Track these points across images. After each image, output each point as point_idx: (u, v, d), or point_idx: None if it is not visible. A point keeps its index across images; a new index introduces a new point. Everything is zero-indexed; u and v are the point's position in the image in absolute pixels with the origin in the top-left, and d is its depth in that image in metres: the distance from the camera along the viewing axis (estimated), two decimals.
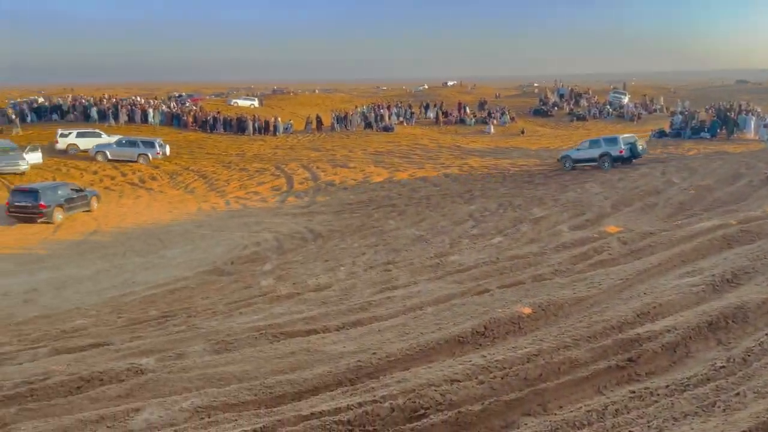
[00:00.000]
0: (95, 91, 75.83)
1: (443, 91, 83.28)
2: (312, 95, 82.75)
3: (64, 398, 5.55)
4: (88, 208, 24.11)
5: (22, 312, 12.83)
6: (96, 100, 50.03)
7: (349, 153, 35.11)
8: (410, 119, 49.52)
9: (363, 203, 23.49)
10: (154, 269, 16.35)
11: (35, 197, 22.00)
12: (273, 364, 5.66)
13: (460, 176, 27.07)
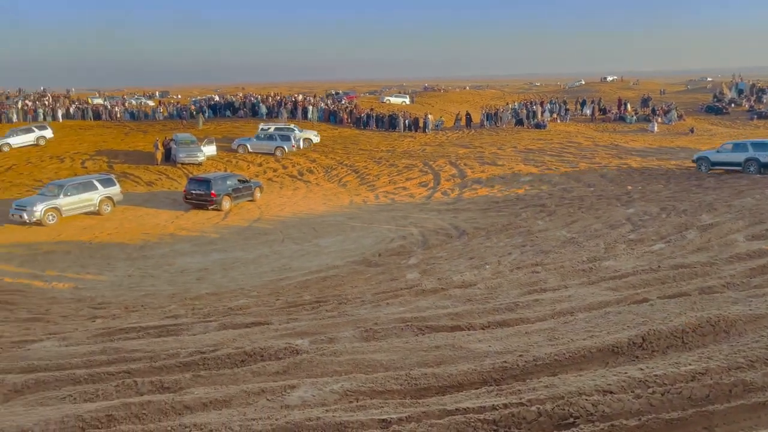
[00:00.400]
0: (262, 89, 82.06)
1: (602, 86, 78.85)
2: (462, 92, 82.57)
3: (230, 369, 6.11)
4: (252, 197, 26.13)
5: (196, 288, 14.31)
6: (263, 97, 54.17)
7: (498, 150, 34.56)
8: (565, 116, 47.54)
9: (510, 201, 23.02)
10: (308, 256, 17.37)
11: (208, 186, 24.37)
12: (418, 356, 5.76)
13: (617, 177, 25.48)
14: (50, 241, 20.00)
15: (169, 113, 49.04)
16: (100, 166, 32.71)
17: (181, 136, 34.67)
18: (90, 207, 23.33)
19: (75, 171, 31.93)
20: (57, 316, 11.57)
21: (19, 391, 6.36)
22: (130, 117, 48.01)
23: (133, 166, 32.69)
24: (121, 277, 16.25)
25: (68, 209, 22.59)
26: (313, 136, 38.82)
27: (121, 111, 48.96)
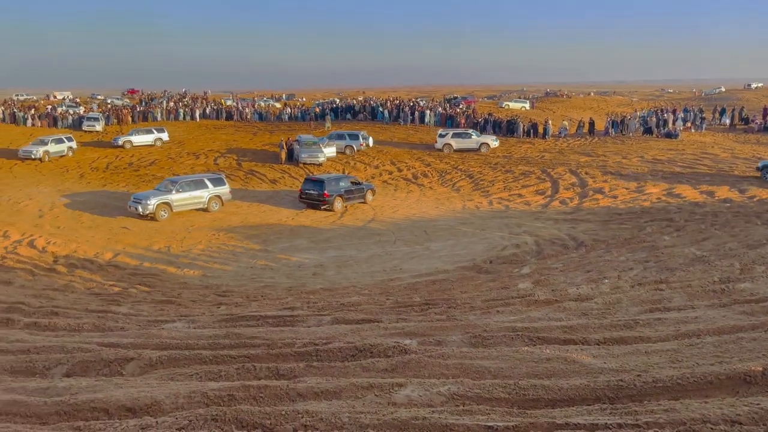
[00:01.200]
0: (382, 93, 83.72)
1: (745, 94, 72.37)
2: (586, 98, 79.33)
3: (341, 362, 6.33)
4: (364, 199, 26.66)
5: (311, 282, 14.93)
6: (382, 101, 55.31)
7: (623, 159, 32.81)
8: (700, 125, 44.18)
9: (634, 214, 21.78)
10: (419, 259, 17.50)
11: (321, 187, 25.23)
12: (528, 367, 5.64)
13: (759, 193, 23.29)
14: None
15: (294, 115, 51.49)
16: (230, 163, 35.02)
17: (304, 138, 36.27)
18: (200, 204, 24.37)
19: (208, 167, 34.43)
20: (187, 300, 12.56)
21: (153, 365, 6.98)
22: (258, 118, 50.96)
23: (260, 164, 34.65)
24: (244, 268, 17.30)
25: (179, 205, 23.71)
26: (491, 141, 38.04)
27: (251, 112, 52.08)
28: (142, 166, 34.86)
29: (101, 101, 64.77)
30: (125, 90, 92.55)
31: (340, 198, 25.58)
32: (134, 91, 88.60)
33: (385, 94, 76.15)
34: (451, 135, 38.19)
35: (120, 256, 18.16)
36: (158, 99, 63.92)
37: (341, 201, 25.61)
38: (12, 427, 5.20)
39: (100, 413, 5.49)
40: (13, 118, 44.79)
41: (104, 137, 41.66)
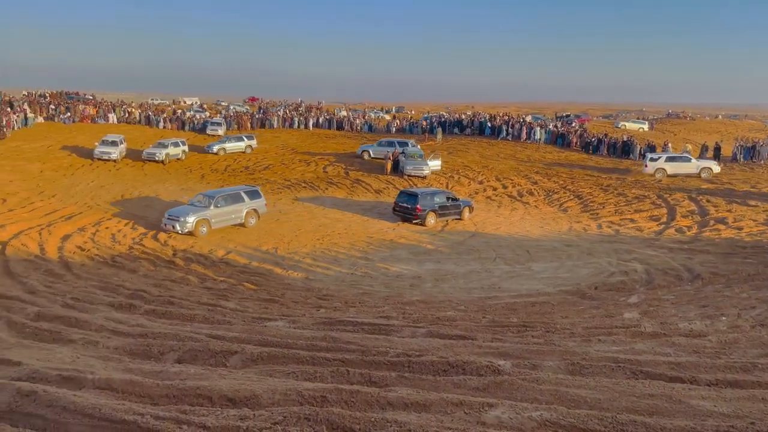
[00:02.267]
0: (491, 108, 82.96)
1: None
2: (713, 121, 74.03)
3: (432, 376, 6.35)
4: (460, 216, 26.06)
5: (408, 293, 15.03)
6: (491, 116, 54.80)
7: (752, 189, 30.27)
8: None
9: (761, 248, 20.00)
10: (519, 279, 17.10)
11: (415, 200, 25.09)
12: (628, 401, 5.37)
13: None
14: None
15: (402, 127, 52.23)
16: (338, 172, 36.10)
17: (410, 150, 36.67)
18: (238, 219, 22.94)
19: (317, 174, 35.73)
20: (289, 300, 13.08)
21: (254, 360, 7.34)
22: (368, 129, 52.20)
23: (365, 173, 35.43)
24: (345, 274, 17.74)
25: (217, 221, 22.17)
26: (713, 166, 34.12)
27: (361, 123, 53.45)
28: (257, 170, 36.76)
29: (225, 107, 69.18)
30: (246, 98, 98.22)
31: (434, 213, 25.24)
32: (255, 99, 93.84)
33: (494, 109, 75.34)
34: (665, 159, 34.59)
35: (231, 254, 19.24)
36: (275, 107, 67.27)
37: (434, 216, 25.27)
38: (127, 405, 5.68)
39: (204, 400, 5.86)
40: (147, 121, 48.91)
41: None
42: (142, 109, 54.47)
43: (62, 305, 10.88)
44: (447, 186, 32.96)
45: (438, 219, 25.39)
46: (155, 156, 36.14)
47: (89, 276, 14.48)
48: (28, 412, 5.66)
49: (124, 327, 9.29)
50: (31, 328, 9.16)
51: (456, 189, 32.68)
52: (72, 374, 6.44)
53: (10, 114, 41.65)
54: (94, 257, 17.01)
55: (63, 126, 43.94)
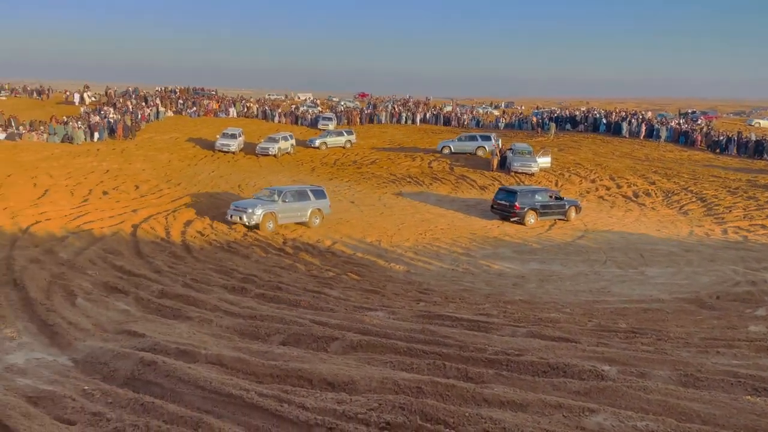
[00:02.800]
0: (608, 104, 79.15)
1: None
2: None
3: (531, 377, 6.19)
4: (565, 216, 24.80)
5: (510, 293, 14.72)
6: (606, 112, 52.25)
7: None
8: None
9: None
10: (631, 284, 16.21)
11: (513, 198, 24.21)
12: (747, 419, 4.94)
13: None
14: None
15: (511, 123, 51.12)
16: (443, 167, 36.01)
17: (518, 146, 35.81)
18: (302, 218, 21.94)
19: (422, 169, 35.85)
20: (390, 292, 13.26)
21: (354, 347, 7.52)
22: (475, 124, 51.58)
23: (471, 170, 35.06)
24: (446, 269, 17.69)
25: (283, 216, 21.33)
26: None
27: (469, 118, 52.92)
28: (364, 164, 37.51)
29: (336, 103, 71.18)
30: (357, 93, 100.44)
31: (534, 212, 24.24)
32: (365, 94, 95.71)
33: (611, 105, 71.73)
34: None
35: (337, 245, 19.80)
36: (384, 103, 68.22)
37: (534, 215, 24.26)
38: (235, 380, 6.03)
39: (304, 382, 6.10)
40: (264, 115, 51.41)
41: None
42: (260, 104, 57.27)
43: (182, 285, 11.73)
44: (556, 184, 31.86)
45: (539, 218, 24.40)
46: (268, 151, 37.49)
47: (207, 259, 15.48)
48: (148, 380, 6.17)
49: (235, 308, 9.86)
50: (155, 304, 9.96)
51: (566, 188, 31.50)
52: (188, 348, 6.94)
53: (144, 108, 45.41)
54: (211, 242, 18.15)
55: (189, 119, 47.23)
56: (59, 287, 10.39)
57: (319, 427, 4.80)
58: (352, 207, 26.41)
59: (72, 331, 8.09)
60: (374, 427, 4.70)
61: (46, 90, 55.13)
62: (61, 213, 18.00)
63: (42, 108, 45.76)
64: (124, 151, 33.72)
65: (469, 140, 39.16)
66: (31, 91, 55.46)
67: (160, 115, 45.79)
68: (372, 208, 26.42)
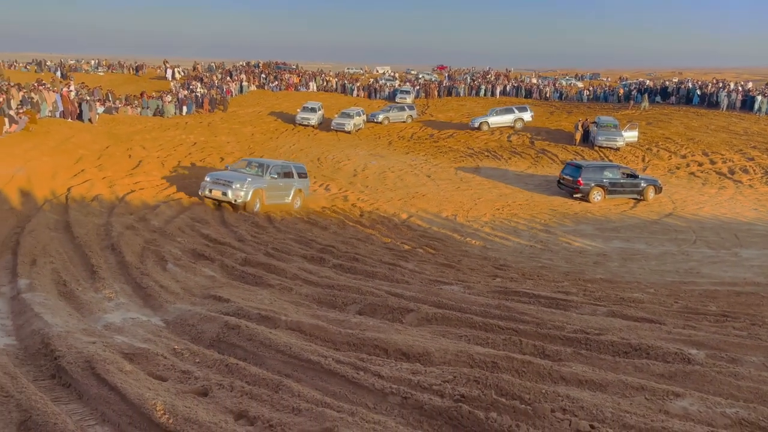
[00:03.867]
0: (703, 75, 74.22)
1: None
2: None
3: (611, 356, 6.01)
4: (641, 196, 23.32)
5: (591, 271, 14.28)
6: (701, 83, 49.03)
7: None
8: None
9: None
10: (722, 265, 15.33)
11: (577, 173, 23.11)
12: None
13: None
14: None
15: (597, 95, 48.98)
16: (523, 141, 35.13)
17: (603, 119, 34.32)
18: (286, 198, 19.01)
19: (501, 143, 35.13)
20: (466, 267, 13.18)
21: (429, 320, 7.56)
22: (558, 97, 49.82)
23: (553, 144, 34.01)
24: (523, 246, 17.37)
25: (269, 195, 18.33)
26: None
27: (551, 90, 51.15)
28: (441, 138, 37.18)
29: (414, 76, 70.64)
30: (435, 66, 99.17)
31: (601, 189, 22.99)
32: (443, 67, 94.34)
33: (707, 76, 67.14)
34: None
35: (413, 218, 19.85)
36: (463, 75, 67.05)
37: (601, 192, 23.01)
38: (313, 346, 6.22)
39: (380, 351, 6.20)
40: (343, 89, 51.87)
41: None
42: (339, 77, 57.77)
43: (264, 254, 12.16)
44: (644, 159, 30.40)
45: (607, 196, 23.18)
46: (344, 127, 37.41)
47: (287, 230, 15.95)
48: (232, 342, 6.48)
49: (314, 277, 10.12)
50: (238, 271, 10.40)
51: (654, 163, 30.01)
52: (269, 314, 7.22)
53: (229, 82, 46.90)
54: (291, 213, 18.66)
55: (271, 93, 48.40)
56: (151, 253, 11.03)
57: (394, 396, 4.88)
58: (428, 181, 26.34)
59: (163, 294, 8.60)
60: (449, 399, 4.73)
61: (142, 66, 57.88)
62: (153, 183, 19.01)
63: (136, 83, 48.23)
64: (210, 124, 35.05)
65: (505, 113, 38.40)
66: (128, 67, 58.46)
67: (243, 89, 47.15)
68: (448, 182, 26.23)
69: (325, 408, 4.60)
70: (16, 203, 14.35)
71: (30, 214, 13.16)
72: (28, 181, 15.23)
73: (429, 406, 4.64)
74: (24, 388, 4.92)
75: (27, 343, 6.29)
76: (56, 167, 17.21)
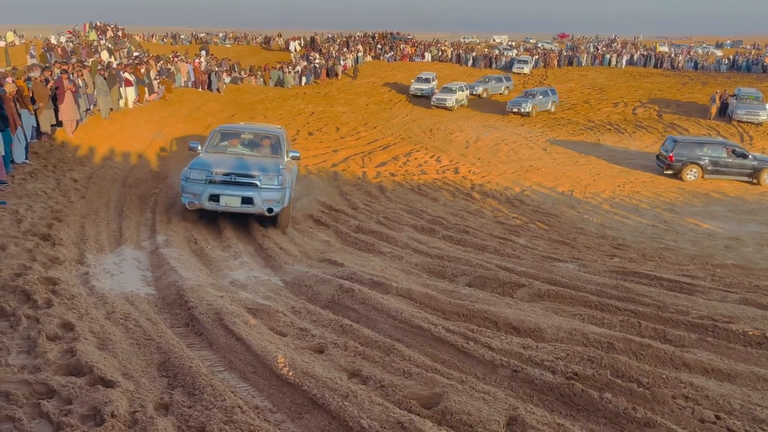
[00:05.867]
0: None
1: None
2: None
3: (742, 347, 5.59)
4: (752, 179, 20.99)
5: (721, 256, 13.24)
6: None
7: None
8: None
9: None
10: None
11: (671, 147, 21.39)
12: None
13: None
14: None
15: (737, 65, 44.64)
16: (650, 114, 32.91)
17: (744, 91, 31.30)
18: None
19: (625, 116, 33.13)
20: (581, 245, 12.70)
21: (541, 296, 7.41)
22: (692, 66, 46.01)
23: (683, 117, 31.59)
24: (645, 225, 16.41)
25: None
26: None
27: (685, 59, 47.30)
28: (560, 110, 35.68)
29: (533, 45, 68.02)
30: (556, 34, 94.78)
31: (697, 167, 21.00)
32: (564, 35, 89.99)
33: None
34: None
35: (526, 192, 19.36)
36: (586, 44, 63.59)
37: (698, 171, 21.03)
38: (423, 314, 6.32)
39: (490, 324, 6.19)
40: (458, 59, 51.11)
41: (529, 79, 44.01)
42: (454, 47, 56.91)
43: (376, 222, 12.43)
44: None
45: (706, 176, 21.14)
46: (445, 102, 35.15)
47: (398, 200, 16.16)
48: (346, 305, 6.73)
49: (424, 247, 10.22)
50: (352, 238, 10.73)
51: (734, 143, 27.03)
52: (381, 280, 7.41)
53: (346, 54, 47.75)
54: (402, 184, 18.86)
55: (386, 64, 48.74)
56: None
57: (504, 368, 4.87)
58: (544, 154, 25.48)
59: (283, 255, 9.08)
60: (561, 376, 4.64)
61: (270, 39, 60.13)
62: None
63: (260, 54, 50.45)
64: (327, 94, 36.02)
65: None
66: (254, 40, 61.06)
67: (359, 60, 47.82)
68: (565, 156, 25.23)
69: (435, 374, 4.69)
70: (155, 165, 15.68)
71: (167, 175, 14.33)
72: (165, 145, 16.54)
73: (540, 381, 4.58)
74: (163, 333, 5.44)
75: (164, 293, 6.93)
76: (188, 133, 18.52)
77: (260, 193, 9.97)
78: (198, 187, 9.88)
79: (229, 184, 9.94)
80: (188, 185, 9.96)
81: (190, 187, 9.95)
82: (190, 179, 9.95)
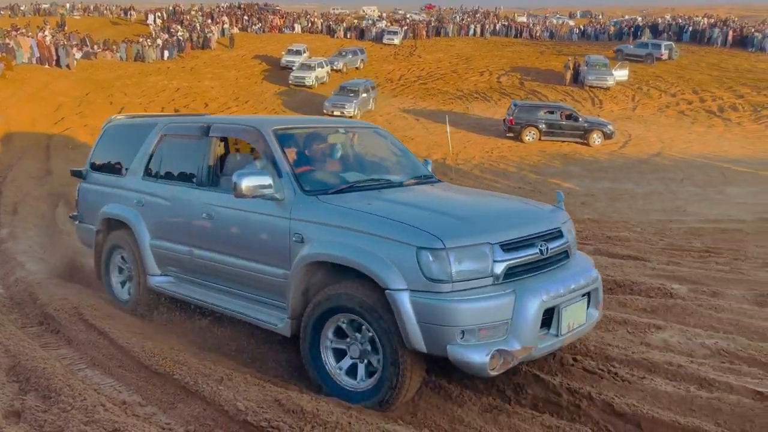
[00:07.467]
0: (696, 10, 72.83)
1: None
2: None
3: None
4: (583, 140, 22.77)
5: (579, 212, 14.36)
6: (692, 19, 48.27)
7: None
8: None
9: None
10: (708, 203, 15.47)
11: (510, 112, 23.23)
12: None
13: None
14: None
15: (586, 33, 48.14)
16: (513, 82, 34.68)
17: (594, 58, 33.86)
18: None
19: (491, 84, 34.68)
20: None
21: None
22: (549, 36, 48.92)
23: (542, 84, 33.62)
24: (513, 188, 17.40)
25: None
26: None
27: (542, 30, 50.17)
28: (430, 80, 36.59)
29: (402, 16, 68.85)
30: (423, 5, 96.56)
31: (535, 129, 22.74)
32: (431, 6, 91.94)
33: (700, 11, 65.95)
34: None
35: None
36: (452, 14, 65.44)
37: (536, 133, 22.72)
38: None
39: None
40: (328, 30, 50.55)
41: (400, 50, 44.59)
42: (324, 18, 56.21)
43: None
44: (633, 99, 30.18)
45: (543, 138, 22.81)
46: (304, 81, 32.35)
47: None
48: None
49: None
50: None
51: (643, 102, 29.85)
52: None
53: (211, 26, 45.50)
54: None
55: (254, 36, 47.08)
56: None
57: None
58: (417, 124, 26.08)
59: None
60: None
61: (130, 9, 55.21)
62: None
63: (115, 27, 46.71)
64: (193, 69, 34.24)
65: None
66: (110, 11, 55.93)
67: (225, 32, 45.82)
68: (438, 125, 25.98)
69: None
70: None
71: (11, 163, 12.95)
72: (8, 130, 14.92)
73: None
74: (12, 335, 4.93)
75: (12, 292, 6.28)
76: (35, 115, 16.84)
77: None
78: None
79: None
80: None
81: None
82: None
